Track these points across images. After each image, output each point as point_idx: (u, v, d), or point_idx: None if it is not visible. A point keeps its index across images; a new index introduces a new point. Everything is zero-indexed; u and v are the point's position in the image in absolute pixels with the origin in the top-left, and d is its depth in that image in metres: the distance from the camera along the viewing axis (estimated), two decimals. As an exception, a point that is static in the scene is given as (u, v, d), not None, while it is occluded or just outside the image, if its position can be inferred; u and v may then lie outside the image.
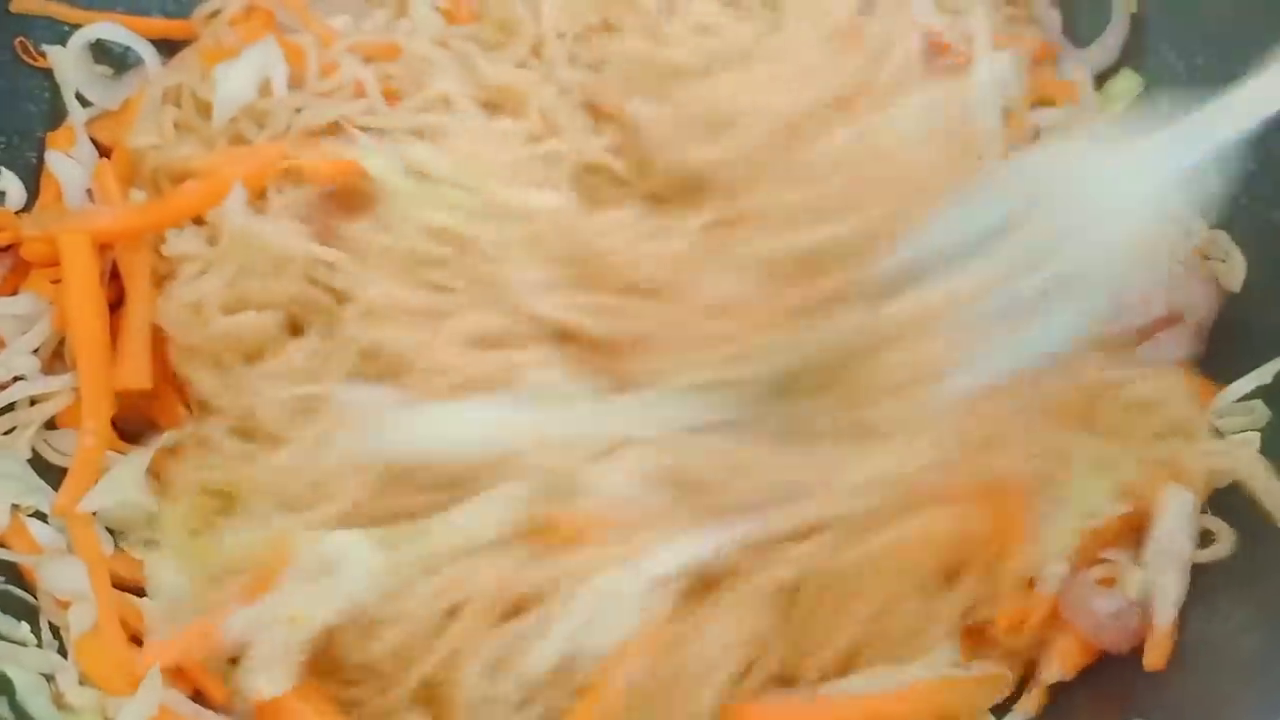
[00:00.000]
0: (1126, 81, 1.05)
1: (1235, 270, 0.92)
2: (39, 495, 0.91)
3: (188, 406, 0.96)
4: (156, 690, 0.81)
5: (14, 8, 1.03)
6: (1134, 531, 0.83)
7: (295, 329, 0.93)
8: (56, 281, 0.96)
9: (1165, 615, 0.79)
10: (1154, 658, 0.79)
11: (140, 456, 0.92)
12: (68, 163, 1.02)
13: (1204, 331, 0.91)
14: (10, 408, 0.94)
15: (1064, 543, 0.82)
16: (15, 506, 0.89)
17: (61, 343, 0.97)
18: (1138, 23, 1.05)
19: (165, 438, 0.93)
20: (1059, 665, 0.81)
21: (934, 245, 0.78)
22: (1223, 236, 0.94)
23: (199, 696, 0.84)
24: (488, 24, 1.03)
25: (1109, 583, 0.81)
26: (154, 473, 0.93)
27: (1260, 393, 0.87)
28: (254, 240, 0.91)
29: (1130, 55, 1.05)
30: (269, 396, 0.88)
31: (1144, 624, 0.80)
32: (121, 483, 0.91)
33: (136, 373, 0.93)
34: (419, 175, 0.91)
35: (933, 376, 0.79)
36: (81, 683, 0.83)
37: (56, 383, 0.94)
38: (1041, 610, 0.81)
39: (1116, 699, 0.80)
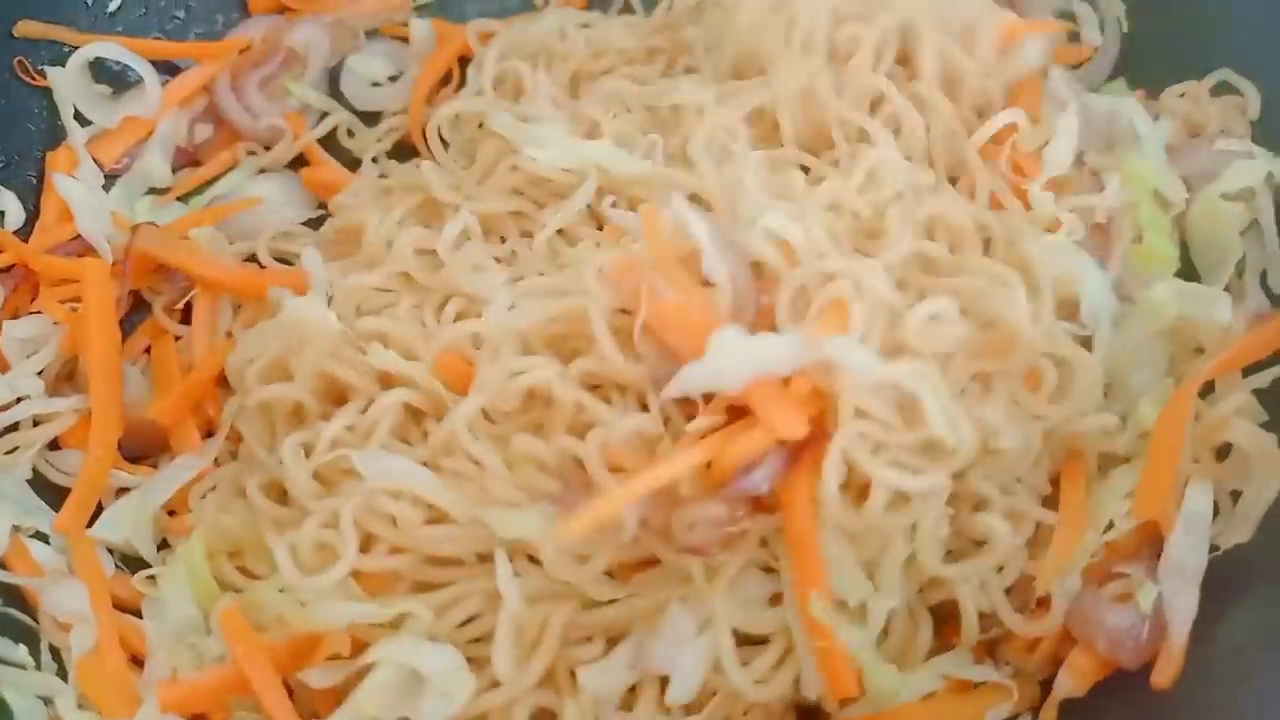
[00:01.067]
0: (1117, 89, 1.05)
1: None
2: (39, 516, 0.90)
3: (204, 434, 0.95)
4: (155, 714, 0.80)
5: (17, 32, 1.04)
6: (1149, 545, 0.82)
7: (339, 398, 0.89)
8: (66, 301, 0.96)
9: (1179, 633, 0.78)
10: (1163, 676, 0.78)
11: (153, 496, 0.91)
12: (75, 184, 1.02)
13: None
14: (14, 428, 0.94)
15: (1080, 558, 0.82)
16: (16, 528, 0.88)
17: (67, 364, 0.97)
18: (1131, 40, 1.06)
19: (183, 474, 0.92)
20: (1071, 681, 0.81)
21: None
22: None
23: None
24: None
25: (1125, 598, 0.80)
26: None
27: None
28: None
29: (1122, 71, 1.06)
30: (296, 469, 0.85)
31: (1156, 639, 0.79)
32: (127, 521, 0.90)
33: (168, 411, 0.94)
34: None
35: None
36: (80, 706, 0.82)
37: (61, 404, 0.94)
38: (1055, 632, 0.81)
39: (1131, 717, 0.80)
